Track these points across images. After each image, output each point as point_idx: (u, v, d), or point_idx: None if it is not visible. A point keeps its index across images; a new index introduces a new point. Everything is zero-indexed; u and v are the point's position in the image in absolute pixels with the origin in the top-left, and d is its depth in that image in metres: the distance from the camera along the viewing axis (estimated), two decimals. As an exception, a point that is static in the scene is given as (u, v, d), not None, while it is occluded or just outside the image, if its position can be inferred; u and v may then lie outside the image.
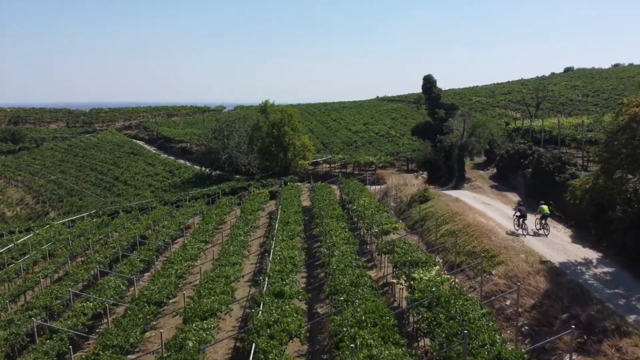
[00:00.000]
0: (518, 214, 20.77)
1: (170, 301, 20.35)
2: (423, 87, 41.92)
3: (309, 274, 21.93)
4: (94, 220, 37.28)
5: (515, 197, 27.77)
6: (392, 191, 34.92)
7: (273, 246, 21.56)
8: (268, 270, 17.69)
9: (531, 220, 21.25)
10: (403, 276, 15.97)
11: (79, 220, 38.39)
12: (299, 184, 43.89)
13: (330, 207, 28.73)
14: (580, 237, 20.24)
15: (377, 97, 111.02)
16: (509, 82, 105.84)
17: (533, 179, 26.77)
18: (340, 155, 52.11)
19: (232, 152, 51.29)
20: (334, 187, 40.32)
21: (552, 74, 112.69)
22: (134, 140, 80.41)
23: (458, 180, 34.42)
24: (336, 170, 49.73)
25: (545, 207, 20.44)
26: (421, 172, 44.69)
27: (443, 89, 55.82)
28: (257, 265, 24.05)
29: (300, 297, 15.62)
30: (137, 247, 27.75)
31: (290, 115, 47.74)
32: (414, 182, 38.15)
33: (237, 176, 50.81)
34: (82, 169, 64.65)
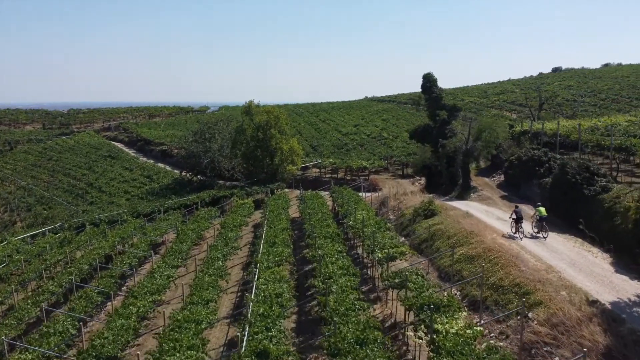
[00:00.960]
0: (514, 216, 20.35)
1: (134, 343, 16.76)
2: (422, 86, 38.48)
3: (300, 309, 18.36)
4: (57, 235, 33.24)
5: (531, 211, 24.49)
6: (390, 201, 31.55)
7: (257, 277, 17.99)
8: (249, 315, 14.13)
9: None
10: (422, 326, 12.52)
11: (41, 235, 34.34)
12: (286, 190, 40.41)
13: (323, 222, 25.24)
14: (622, 264, 17.00)
15: (366, 97, 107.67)
16: (499, 82, 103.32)
17: (553, 191, 23.56)
18: (330, 160, 48.65)
19: (215, 157, 47.49)
20: (325, 194, 36.98)
21: (541, 74, 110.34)
22: (113, 143, 76.18)
23: (463, 189, 31.11)
24: (326, 176, 46.30)
25: (542, 209, 20.35)
26: (418, 177, 41.51)
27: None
28: (238, 295, 20.41)
29: (290, 358, 12.06)
30: (99, 272, 23.94)
31: (277, 116, 44.08)
32: (412, 189, 34.90)
33: (220, 182, 47.03)
34: (55, 174, 60.47)
